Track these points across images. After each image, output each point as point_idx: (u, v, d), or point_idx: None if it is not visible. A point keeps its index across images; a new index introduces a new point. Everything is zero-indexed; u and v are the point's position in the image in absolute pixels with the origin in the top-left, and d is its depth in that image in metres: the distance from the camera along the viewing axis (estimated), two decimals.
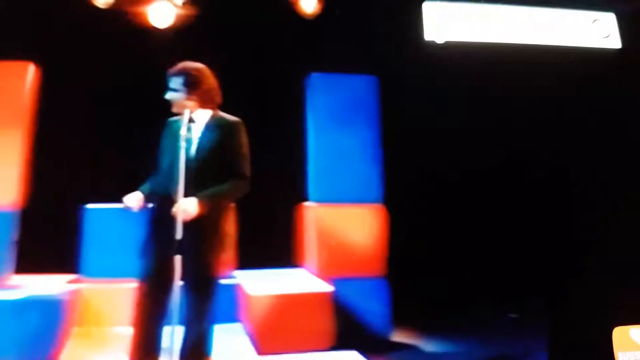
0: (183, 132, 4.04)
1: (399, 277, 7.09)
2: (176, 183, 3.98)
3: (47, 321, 5.72)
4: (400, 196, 7.41)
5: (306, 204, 7.28)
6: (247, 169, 4.38)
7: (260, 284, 6.42)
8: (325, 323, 6.11)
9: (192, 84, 4.37)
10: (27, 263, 6.54)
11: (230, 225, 4.44)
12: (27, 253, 6.53)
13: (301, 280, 6.70)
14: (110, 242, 6.36)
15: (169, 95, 4.38)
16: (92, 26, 6.85)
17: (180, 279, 4.05)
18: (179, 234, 3.92)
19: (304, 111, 7.39)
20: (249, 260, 7.04)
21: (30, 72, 6.47)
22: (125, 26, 6.91)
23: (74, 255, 6.63)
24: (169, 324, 4.11)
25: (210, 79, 4.46)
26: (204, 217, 4.14)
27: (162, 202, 4.15)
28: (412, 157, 7.89)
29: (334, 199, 7.05)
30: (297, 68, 7.29)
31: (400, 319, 7.10)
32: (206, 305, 4.29)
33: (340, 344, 6.01)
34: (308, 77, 7.29)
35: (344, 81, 7.27)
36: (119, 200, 4.43)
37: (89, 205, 6.56)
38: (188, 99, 4.36)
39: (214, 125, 4.37)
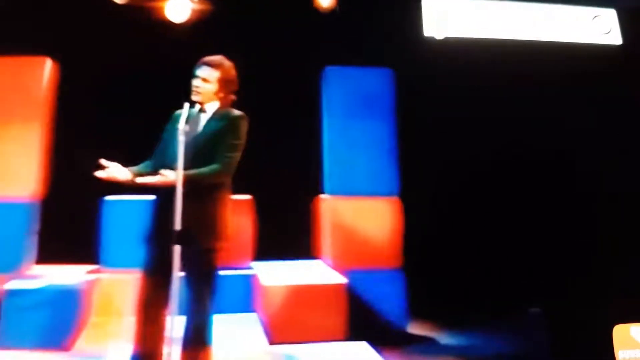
0: (181, 126, 4.08)
1: (417, 269, 7.09)
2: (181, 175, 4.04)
3: (63, 310, 5.87)
4: (418, 189, 7.43)
5: (322, 196, 7.31)
6: (230, 157, 4.40)
7: (274, 275, 6.49)
8: (338, 314, 6.15)
9: (227, 82, 4.52)
10: (48, 253, 6.71)
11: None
12: (49, 244, 6.72)
13: (316, 272, 6.74)
14: (129, 233, 6.45)
15: (199, 83, 4.43)
16: (108, 21, 6.96)
17: (182, 270, 4.14)
18: (177, 225, 3.97)
19: (320, 104, 7.40)
20: (267, 252, 7.16)
21: (47, 67, 6.65)
22: (142, 21, 6.99)
23: (93, 246, 6.77)
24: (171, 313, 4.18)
25: (237, 80, 4.59)
26: (203, 208, 4.24)
27: (163, 194, 4.22)
28: (427, 150, 7.86)
29: (349, 191, 7.09)
30: (313, 61, 7.31)
31: (417, 312, 7.11)
32: (206, 295, 4.34)
33: (354, 335, 6.03)
34: (323, 71, 7.31)
35: (359, 74, 7.29)
36: (138, 193, 4.50)
37: (108, 197, 6.68)
38: (216, 93, 4.48)
39: (220, 118, 4.45)
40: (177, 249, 3.99)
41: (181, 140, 4.05)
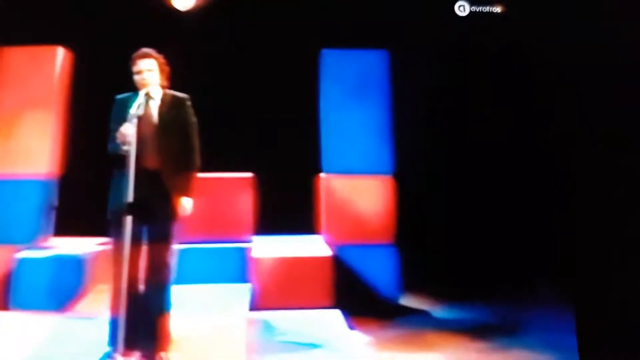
0: (134, 110, 4.53)
1: (411, 245, 7.38)
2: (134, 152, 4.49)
3: (66, 277, 6.48)
4: (414, 167, 7.70)
5: (320, 175, 7.65)
6: (197, 141, 4.96)
7: (267, 248, 6.94)
8: (324, 285, 6.55)
9: (165, 67, 4.99)
10: (67, 226, 7.28)
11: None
12: (68, 218, 7.29)
13: (308, 246, 7.14)
14: None
15: (146, 75, 4.86)
16: (116, 8, 7.46)
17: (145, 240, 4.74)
18: (130, 197, 4.41)
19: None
20: (272, 227, 7.58)
21: (59, 55, 7.22)
22: (147, 8, 7.46)
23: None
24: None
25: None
26: (160, 184, 4.72)
27: (122, 168, 4.63)
28: (424, 129, 8.10)
29: (345, 170, 7.42)
30: (313, 44, 7.60)
31: (411, 285, 7.41)
32: (161, 263, 4.79)
33: (343, 306, 6.40)
34: (321, 53, 7.61)
35: (355, 56, 7.57)
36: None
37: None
38: (159, 79, 4.93)
39: (171, 102, 4.91)
40: (129, 220, 4.42)
41: (134, 122, 4.49)
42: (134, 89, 4.91)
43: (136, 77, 4.87)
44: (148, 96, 4.83)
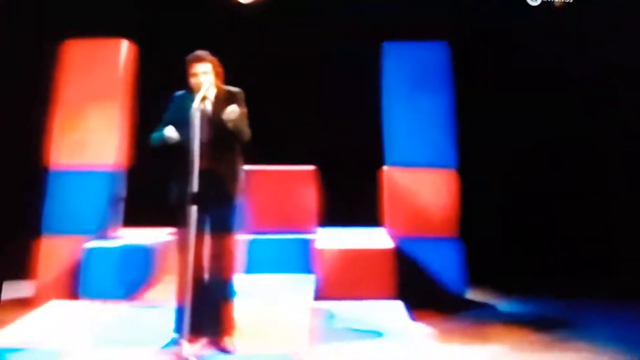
0: (196, 104, 4.64)
1: (476, 238, 7.31)
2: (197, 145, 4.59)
3: (136, 266, 6.67)
4: (478, 160, 7.65)
5: (384, 167, 7.64)
6: (247, 125, 4.98)
7: (331, 240, 7.00)
8: (385, 277, 6.57)
9: (219, 69, 5.05)
10: (136, 217, 7.46)
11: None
12: (136, 208, 7.45)
13: (371, 238, 7.16)
14: None
15: (203, 78, 4.94)
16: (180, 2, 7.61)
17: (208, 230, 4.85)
18: (195, 187, 4.51)
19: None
20: (337, 219, 7.70)
21: (123, 48, 7.39)
22: (211, 2, 7.58)
23: None
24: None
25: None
26: (218, 175, 4.82)
27: (184, 160, 4.71)
28: (489, 122, 8.03)
29: (408, 163, 7.36)
30: (379, 37, 7.58)
31: (476, 279, 7.36)
32: (225, 252, 4.87)
33: (406, 298, 6.38)
34: (382, 46, 7.57)
35: (416, 48, 7.51)
36: None
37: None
38: (214, 81, 5.00)
39: (224, 97, 4.98)
40: (194, 209, 4.52)
41: (197, 116, 4.60)
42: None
43: (192, 80, 4.96)
44: (204, 97, 4.90)
